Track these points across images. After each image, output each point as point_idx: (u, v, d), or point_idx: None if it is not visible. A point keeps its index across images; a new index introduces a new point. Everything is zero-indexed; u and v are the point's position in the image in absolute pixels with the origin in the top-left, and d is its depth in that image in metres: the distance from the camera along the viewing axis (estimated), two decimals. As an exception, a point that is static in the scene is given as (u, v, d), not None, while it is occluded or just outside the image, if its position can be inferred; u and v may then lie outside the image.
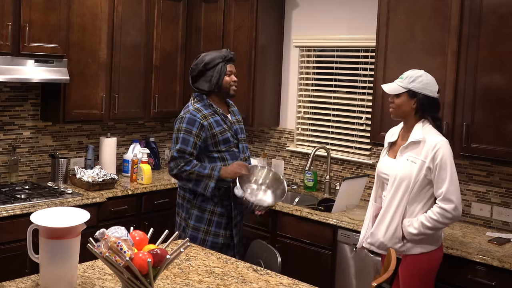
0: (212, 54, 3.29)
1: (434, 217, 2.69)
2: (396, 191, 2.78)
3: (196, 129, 3.16)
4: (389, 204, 2.81)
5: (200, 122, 3.17)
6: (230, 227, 3.27)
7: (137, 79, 4.43)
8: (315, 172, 4.34)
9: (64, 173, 4.06)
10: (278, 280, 2.42)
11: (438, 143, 2.72)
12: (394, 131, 3.00)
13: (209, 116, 3.22)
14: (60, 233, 2.07)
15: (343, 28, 4.28)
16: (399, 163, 2.81)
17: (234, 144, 3.29)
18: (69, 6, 3.86)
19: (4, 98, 3.98)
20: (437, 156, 2.70)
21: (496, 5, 3.14)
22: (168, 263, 1.97)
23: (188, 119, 3.18)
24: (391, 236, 2.79)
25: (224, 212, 3.26)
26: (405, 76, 2.83)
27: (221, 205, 3.24)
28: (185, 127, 3.17)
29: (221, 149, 3.23)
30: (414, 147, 2.77)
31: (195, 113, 3.20)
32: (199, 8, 4.69)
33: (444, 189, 2.69)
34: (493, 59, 3.15)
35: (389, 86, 2.89)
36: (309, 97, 4.57)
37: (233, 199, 3.23)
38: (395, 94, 2.84)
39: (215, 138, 3.21)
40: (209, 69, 3.25)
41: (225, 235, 3.27)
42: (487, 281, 2.92)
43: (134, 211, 4.08)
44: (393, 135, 2.98)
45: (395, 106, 2.87)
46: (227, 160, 3.25)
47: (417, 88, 2.79)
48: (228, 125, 3.29)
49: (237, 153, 3.30)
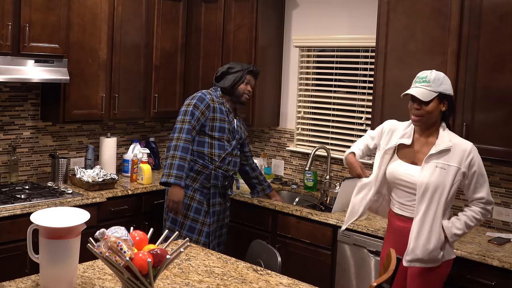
0: (239, 63, 3.79)
1: (477, 217, 2.71)
2: (431, 201, 2.65)
3: (203, 106, 3.55)
4: (424, 215, 2.66)
5: (208, 101, 3.57)
6: (209, 216, 3.61)
7: (137, 79, 4.43)
8: (315, 172, 4.35)
9: (64, 173, 4.06)
10: (278, 280, 2.42)
11: (471, 148, 2.67)
12: (403, 130, 2.83)
13: (216, 102, 3.62)
14: (60, 233, 2.07)
15: (343, 28, 4.28)
16: (428, 171, 2.66)
17: (227, 138, 3.64)
18: (69, 6, 3.86)
19: (4, 98, 3.98)
20: (474, 162, 2.66)
21: (496, 5, 3.14)
22: (168, 263, 1.97)
23: (199, 97, 3.58)
24: (433, 247, 2.65)
25: (203, 199, 3.61)
26: (431, 79, 2.66)
27: (200, 192, 3.60)
28: (194, 103, 3.55)
29: (214, 136, 3.60)
30: (443, 153, 2.66)
31: (206, 93, 3.62)
32: (199, 8, 4.69)
33: (485, 194, 2.69)
34: (493, 59, 3.15)
35: (419, 92, 2.66)
36: (309, 97, 4.57)
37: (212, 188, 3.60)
38: (425, 101, 2.65)
39: (214, 122, 3.58)
40: (231, 73, 3.69)
41: (203, 221, 3.60)
42: (487, 281, 2.92)
43: (134, 211, 4.08)
44: (404, 136, 2.80)
45: (424, 114, 2.67)
46: (215, 148, 3.59)
47: (447, 90, 2.67)
48: (229, 119, 3.64)
49: (227, 147, 3.63)
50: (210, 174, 3.60)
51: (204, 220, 3.60)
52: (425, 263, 2.69)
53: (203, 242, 3.60)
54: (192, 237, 3.57)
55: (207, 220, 3.61)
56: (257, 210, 3.98)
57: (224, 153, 3.62)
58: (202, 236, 3.59)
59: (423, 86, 2.66)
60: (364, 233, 3.41)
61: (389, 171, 2.82)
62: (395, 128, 2.88)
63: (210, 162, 3.60)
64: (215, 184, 3.63)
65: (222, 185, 3.67)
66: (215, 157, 3.60)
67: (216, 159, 3.60)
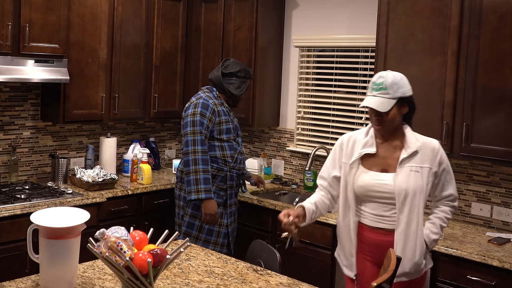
0: (242, 65, 3.70)
1: (448, 216, 2.63)
2: (412, 208, 2.50)
3: (209, 113, 3.53)
4: (408, 225, 2.50)
5: (212, 107, 3.55)
6: (226, 216, 3.61)
7: (137, 79, 4.43)
8: (315, 172, 4.34)
9: (64, 173, 4.06)
10: (278, 280, 2.42)
11: (437, 146, 2.57)
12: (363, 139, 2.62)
13: (218, 105, 3.61)
14: (60, 233, 2.07)
15: (343, 28, 4.28)
16: (403, 177, 2.50)
17: (233, 137, 3.65)
18: (69, 6, 3.86)
19: (4, 98, 3.98)
20: (442, 159, 2.57)
21: (496, 5, 3.14)
22: (168, 263, 1.97)
23: (202, 104, 3.53)
24: (419, 258, 2.53)
25: (220, 202, 3.59)
26: (387, 85, 2.49)
27: (217, 195, 3.58)
28: (200, 111, 3.50)
29: (223, 138, 3.56)
30: (413, 156, 2.52)
31: (207, 98, 3.58)
32: (199, 8, 4.68)
33: (453, 190, 2.62)
34: (493, 59, 3.15)
35: (377, 103, 2.49)
36: (309, 97, 4.57)
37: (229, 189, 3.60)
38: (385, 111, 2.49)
39: (221, 126, 3.57)
40: (239, 76, 3.66)
41: (221, 223, 3.59)
42: (487, 281, 2.92)
43: (134, 211, 4.07)
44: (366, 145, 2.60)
45: (386, 122, 2.52)
46: (226, 150, 3.57)
47: (406, 93, 2.51)
48: (231, 119, 3.67)
49: (236, 146, 3.65)
50: (226, 176, 3.60)
51: (221, 222, 3.60)
52: (411, 276, 2.55)
53: (221, 243, 3.61)
54: (211, 239, 3.59)
55: (225, 221, 3.61)
56: (257, 210, 3.98)
57: (236, 152, 3.64)
58: (220, 237, 3.61)
59: (380, 95, 2.49)
60: (364, 233, 3.41)
61: (359, 185, 2.58)
62: (354, 140, 2.67)
63: (224, 164, 3.60)
64: (231, 185, 3.65)
65: (237, 185, 3.71)
66: (228, 159, 3.61)
67: (230, 161, 3.61)
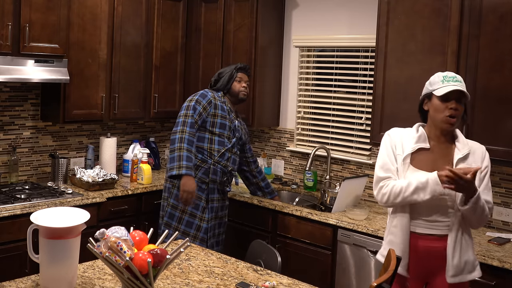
0: (228, 66, 3.87)
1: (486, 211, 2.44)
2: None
3: (205, 102, 3.61)
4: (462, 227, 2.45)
5: (210, 98, 3.64)
6: (207, 211, 3.63)
7: (137, 79, 4.43)
8: (315, 172, 4.35)
9: (64, 173, 4.06)
10: (278, 280, 2.42)
11: (484, 148, 2.53)
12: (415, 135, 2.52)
13: (218, 100, 3.68)
14: (60, 233, 2.07)
15: (343, 28, 4.28)
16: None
17: (227, 135, 3.68)
18: (69, 6, 3.86)
19: (4, 98, 3.98)
20: (488, 163, 2.50)
21: (496, 5, 3.14)
22: (168, 263, 1.97)
23: (201, 94, 3.66)
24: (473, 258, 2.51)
25: (201, 195, 3.62)
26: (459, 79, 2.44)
27: (199, 188, 3.61)
28: (196, 98, 3.61)
29: (215, 132, 3.64)
30: (467, 157, 2.46)
31: (208, 91, 3.70)
32: (199, 8, 4.69)
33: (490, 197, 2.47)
34: (493, 59, 3.15)
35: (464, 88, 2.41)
36: (309, 97, 4.57)
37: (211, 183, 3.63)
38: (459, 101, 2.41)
39: (215, 118, 3.63)
40: (221, 77, 3.79)
41: (202, 217, 3.62)
42: (487, 281, 2.92)
43: (134, 211, 4.08)
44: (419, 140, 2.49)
45: (459, 114, 2.43)
46: (214, 143, 3.64)
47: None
48: (230, 118, 3.69)
49: (226, 143, 3.67)
50: (208, 169, 3.62)
51: (202, 216, 3.61)
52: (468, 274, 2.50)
53: (201, 238, 3.61)
54: (190, 232, 3.59)
55: (205, 215, 3.62)
56: (257, 210, 3.98)
57: (224, 148, 3.65)
58: (200, 231, 3.61)
59: (459, 85, 2.40)
60: (364, 233, 3.41)
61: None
62: (402, 135, 2.55)
63: (209, 156, 3.62)
64: (213, 180, 3.64)
65: (220, 181, 3.68)
66: (214, 152, 3.63)
67: (215, 154, 3.62)
